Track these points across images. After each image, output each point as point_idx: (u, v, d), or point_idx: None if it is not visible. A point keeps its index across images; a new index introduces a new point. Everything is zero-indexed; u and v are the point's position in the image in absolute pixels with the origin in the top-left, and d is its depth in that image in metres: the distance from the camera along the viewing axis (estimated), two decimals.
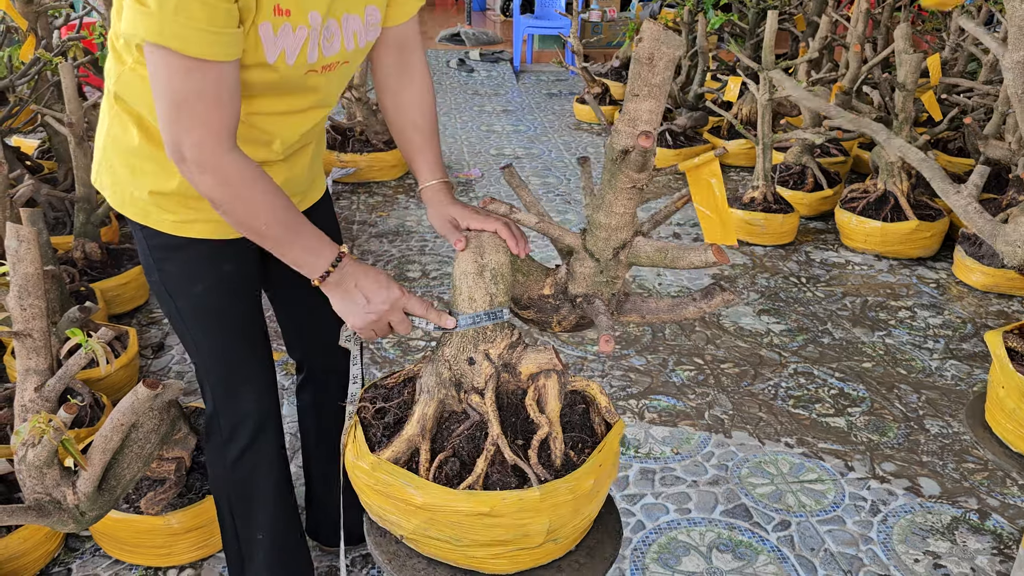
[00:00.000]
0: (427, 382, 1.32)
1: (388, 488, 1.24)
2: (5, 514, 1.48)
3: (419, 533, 1.25)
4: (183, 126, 1.15)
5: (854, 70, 4.34)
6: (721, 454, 2.44)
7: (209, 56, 1.12)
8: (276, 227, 1.24)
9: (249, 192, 1.20)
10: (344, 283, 1.28)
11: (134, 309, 3.18)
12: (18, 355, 1.50)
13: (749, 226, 3.94)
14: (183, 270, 1.46)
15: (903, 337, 3.13)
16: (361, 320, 1.29)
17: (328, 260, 1.27)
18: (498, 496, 1.20)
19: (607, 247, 1.28)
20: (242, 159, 1.20)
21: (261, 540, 1.68)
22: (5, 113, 3.48)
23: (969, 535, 2.15)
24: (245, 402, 1.58)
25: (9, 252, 1.44)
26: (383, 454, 1.27)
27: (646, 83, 1.11)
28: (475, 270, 1.29)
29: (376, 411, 1.37)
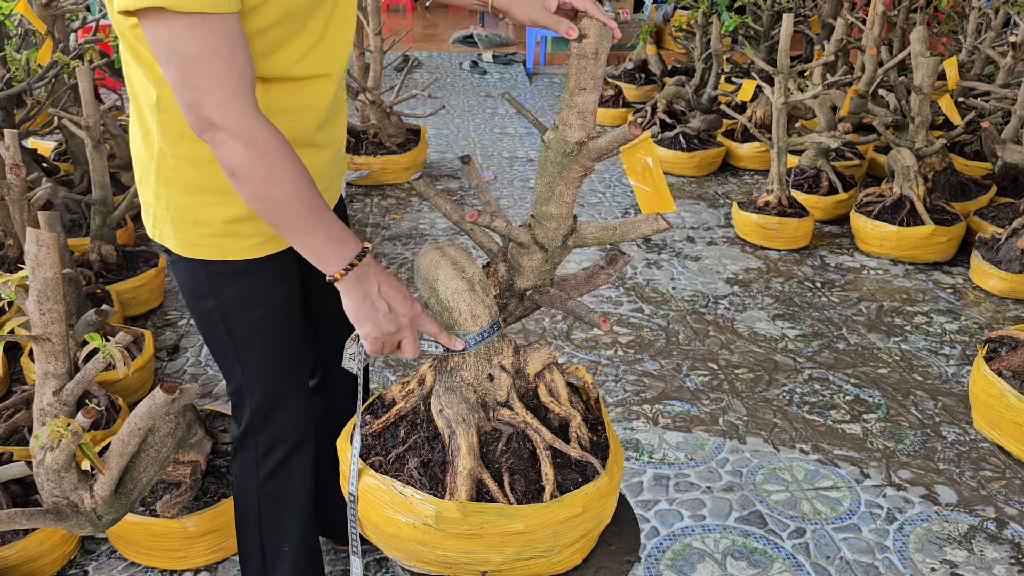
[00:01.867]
0: (457, 412, 1.27)
1: (481, 528, 1.19)
2: (23, 517, 1.49)
3: (511, 560, 1.23)
4: (201, 89, 1.06)
5: (870, 73, 4.32)
6: (736, 460, 2.43)
7: (210, 8, 1.04)
8: (300, 204, 1.12)
9: (277, 157, 1.10)
10: (365, 283, 1.17)
11: (149, 311, 3.19)
12: (37, 359, 1.51)
13: (763, 230, 3.92)
14: (244, 293, 1.41)
15: (919, 343, 3.11)
16: (378, 329, 1.19)
17: (352, 252, 1.16)
18: (582, 494, 1.23)
19: (557, 236, 1.30)
20: (268, 123, 1.11)
21: (287, 551, 1.67)
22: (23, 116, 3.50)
23: (987, 544, 2.13)
24: (285, 421, 1.57)
25: (29, 257, 1.44)
26: (459, 497, 1.21)
27: (592, 76, 1.16)
28: (466, 286, 1.26)
29: (393, 466, 1.30)
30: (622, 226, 1.30)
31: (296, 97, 1.28)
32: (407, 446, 1.30)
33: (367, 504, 1.26)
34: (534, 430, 1.27)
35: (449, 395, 1.29)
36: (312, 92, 1.31)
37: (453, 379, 1.30)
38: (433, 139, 5.70)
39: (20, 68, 3.41)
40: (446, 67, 8.17)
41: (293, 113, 1.29)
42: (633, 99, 6.72)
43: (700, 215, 4.44)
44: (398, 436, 1.33)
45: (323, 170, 1.43)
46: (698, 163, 5.03)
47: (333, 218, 1.16)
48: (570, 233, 1.31)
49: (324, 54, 1.28)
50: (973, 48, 5.19)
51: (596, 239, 1.32)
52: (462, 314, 1.26)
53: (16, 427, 2.20)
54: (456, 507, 1.19)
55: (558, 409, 1.32)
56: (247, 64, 1.10)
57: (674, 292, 3.51)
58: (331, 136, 1.43)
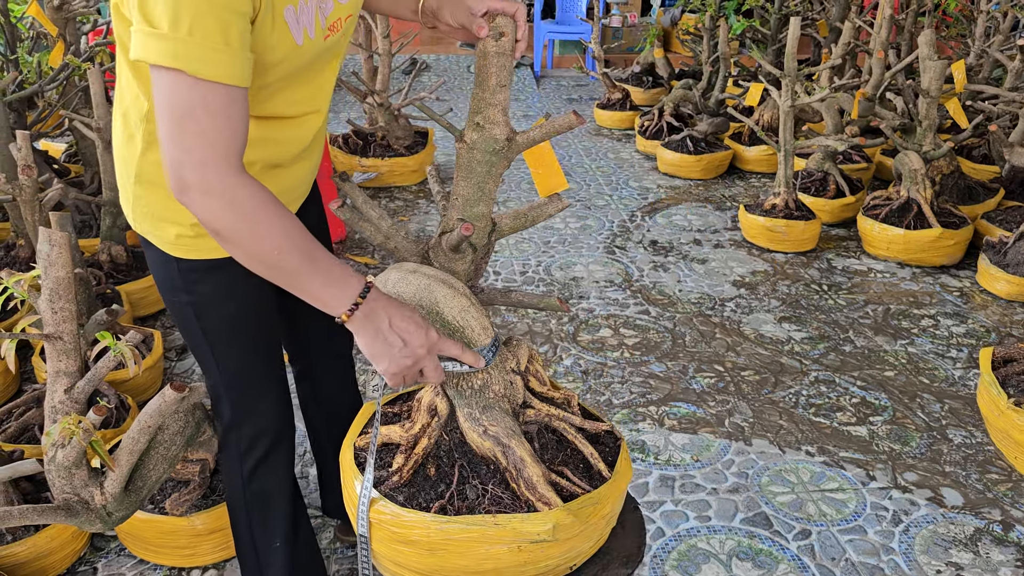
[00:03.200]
0: (505, 427, 1.25)
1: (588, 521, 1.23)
2: (35, 513, 1.50)
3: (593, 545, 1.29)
4: (185, 144, 1.05)
5: (877, 76, 4.32)
6: (741, 462, 2.44)
7: (224, 79, 1.05)
8: (292, 255, 1.10)
9: (259, 215, 1.08)
10: (375, 319, 1.13)
11: (158, 312, 3.22)
12: (48, 357, 1.53)
13: (770, 233, 3.93)
14: (218, 290, 1.42)
15: (926, 346, 3.11)
16: (396, 364, 1.15)
17: (355, 291, 1.13)
18: (624, 460, 1.32)
19: (484, 233, 1.32)
20: (251, 181, 1.09)
21: (278, 548, 1.69)
22: (35, 117, 3.53)
23: (992, 546, 2.13)
24: (264, 416, 1.59)
25: (41, 256, 1.46)
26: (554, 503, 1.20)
27: (510, 73, 1.20)
28: (468, 303, 1.26)
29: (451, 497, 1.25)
30: (531, 211, 1.33)
31: (287, 131, 1.34)
32: (456, 480, 1.24)
33: (448, 551, 1.18)
34: (560, 419, 1.31)
35: (489, 413, 1.26)
36: (302, 126, 1.37)
37: (486, 397, 1.27)
38: (440, 142, 5.72)
39: (32, 70, 3.44)
40: (454, 70, 8.19)
41: (283, 143, 1.35)
42: (640, 102, 6.72)
43: (707, 218, 4.44)
44: (429, 475, 1.26)
45: (299, 178, 1.49)
46: (705, 166, 5.03)
47: (329, 261, 1.13)
48: (493, 228, 1.33)
49: (315, 95, 1.35)
50: (981, 51, 5.18)
51: (511, 228, 1.34)
52: (474, 330, 1.25)
53: (27, 425, 2.23)
54: (566, 513, 1.17)
55: (556, 394, 1.36)
56: (239, 134, 1.08)
57: (680, 294, 3.51)
58: (313, 151, 1.48)
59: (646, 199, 4.74)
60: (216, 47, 1.04)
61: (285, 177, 1.41)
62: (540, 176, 1.38)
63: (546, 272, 3.71)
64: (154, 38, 1.03)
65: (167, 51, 1.03)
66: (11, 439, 2.19)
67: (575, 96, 7.38)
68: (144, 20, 1.04)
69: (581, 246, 4.03)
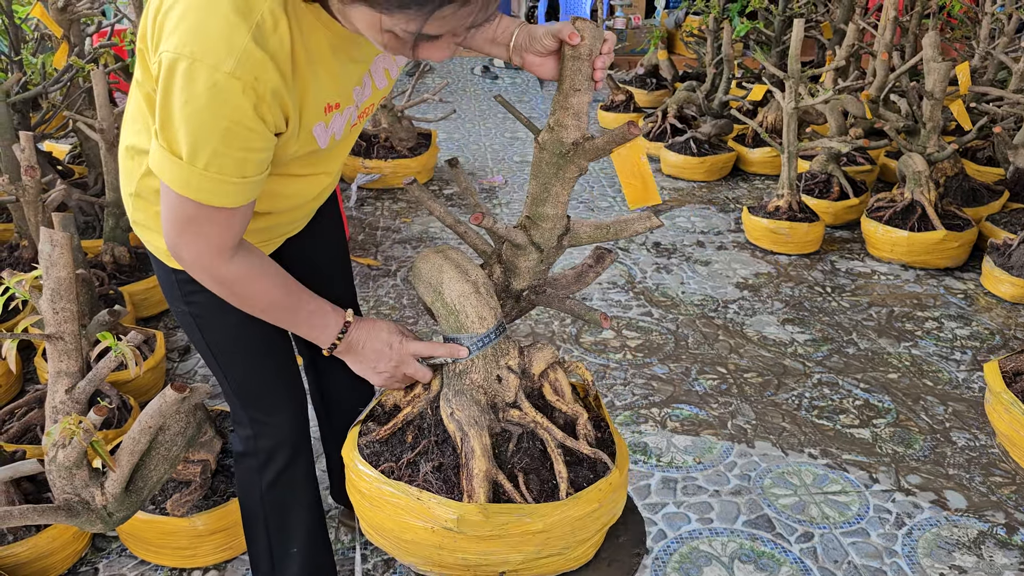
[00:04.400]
0: (468, 415, 1.28)
1: (504, 528, 1.20)
2: (35, 514, 1.50)
3: (530, 559, 1.24)
4: (184, 240, 1.15)
5: (881, 78, 4.31)
6: (744, 464, 2.43)
7: (229, 205, 1.11)
8: (279, 311, 1.26)
9: (245, 289, 1.22)
10: (353, 349, 1.32)
11: (161, 312, 3.22)
12: (50, 357, 1.53)
13: (774, 235, 3.92)
14: (215, 301, 1.39)
15: (930, 348, 3.10)
16: (380, 378, 1.34)
17: (334, 332, 1.30)
18: (596, 490, 1.24)
19: (552, 236, 1.31)
20: (240, 261, 1.19)
21: (295, 553, 1.68)
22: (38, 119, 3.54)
23: (996, 550, 2.12)
24: (281, 427, 1.58)
25: (43, 256, 1.46)
26: (477, 499, 1.22)
27: (587, 78, 1.18)
28: (471, 289, 1.27)
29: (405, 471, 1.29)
30: (615, 225, 1.32)
31: (296, 186, 1.35)
32: (417, 451, 1.30)
33: (381, 511, 1.26)
34: (544, 429, 1.28)
35: (460, 398, 1.29)
36: (310, 183, 1.38)
37: (463, 382, 1.30)
38: (444, 143, 5.72)
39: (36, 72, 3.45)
40: (457, 72, 8.20)
41: (291, 197, 1.37)
42: (644, 104, 6.72)
43: (710, 220, 4.44)
44: (406, 441, 1.33)
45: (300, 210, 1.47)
46: (709, 168, 5.03)
47: (312, 309, 1.28)
48: (565, 233, 1.33)
49: (329, 161, 1.36)
50: (986, 53, 5.17)
51: (590, 238, 1.34)
52: (468, 316, 1.27)
53: (29, 425, 2.23)
54: (477, 509, 1.19)
55: (564, 407, 1.33)
56: (240, 229, 1.17)
57: (683, 296, 3.51)
58: (322, 196, 1.48)
59: None
60: (228, 180, 1.08)
61: (285, 215, 1.42)
62: (630, 188, 1.36)
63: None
64: (170, 162, 1.07)
65: (181, 179, 1.07)
66: (13, 439, 2.19)
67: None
68: (163, 139, 1.06)
69: (584, 248, 4.03)
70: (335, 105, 1.19)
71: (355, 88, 1.22)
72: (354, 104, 1.24)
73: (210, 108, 1.01)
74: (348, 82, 1.20)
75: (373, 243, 4.01)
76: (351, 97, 1.22)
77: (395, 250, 3.93)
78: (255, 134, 1.06)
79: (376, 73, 1.28)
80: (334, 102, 1.18)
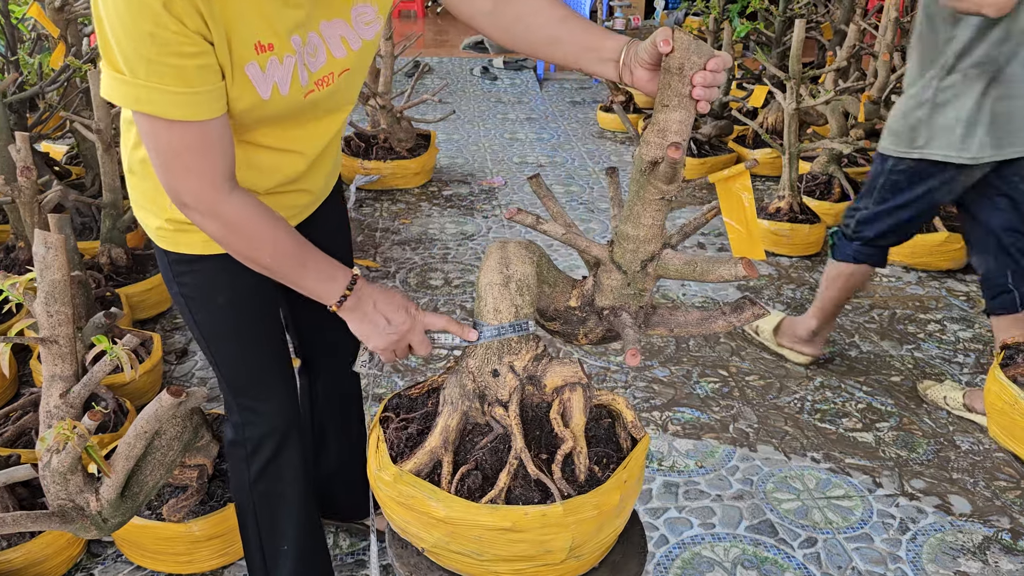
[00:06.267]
0: (450, 394, 1.31)
1: (410, 500, 1.23)
2: (29, 520, 1.48)
3: (440, 546, 1.24)
4: (177, 178, 1.16)
5: (883, 79, 4.29)
6: (746, 468, 2.41)
7: (190, 117, 1.11)
8: (283, 260, 1.23)
9: (252, 231, 1.20)
10: (362, 306, 1.27)
11: (158, 314, 3.20)
12: (44, 361, 1.51)
13: (775, 236, 3.90)
14: (203, 283, 1.44)
15: (932, 351, 3.08)
16: (383, 341, 1.28)
17: (343, 285, 1.26)
18: (520, 511, 1.19)
19: (635, 259, 1.27)
20: (242, 200, 1.19)
21: (286, 551, 1.67)
22: (35, 119, 3.52)
23: (1001, 555, 2.10)
24: (268, 415, 1.57)
25: (37, 259, 1.44)
26: (405, 465, 1.26)
27: (676, 94, 1.11)
28: (501, 281, 1.27)
29: (399, 422, 1.36)
30: (703, 264, 1.24)
31: (268, 160, 1.34)
32: (419, 413, 1.36)
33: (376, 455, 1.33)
34: (513, 436, 1.25)
35: (451, 376, 1.33)
36: (283, 160, 1.36)
37: (460, 364, 1.33)
38: (443, 144, 5.70)
39: (33, 72, 3.43)
40: (457, 73, 8.18)
41: (266, 173, 1.35)
42: (643, 105, 6.70)
43: (711, 221, 4.41)
44: (427, 405, 1.39)
45: (320, 186, 1.50)
46: (709, 169, 5.01)
47: (319, 260, 1.26)
48: (650, 259, 1.27)
49: (299, 139, 1.34)
50: None
51: (678, 272, 1.26)
52: (487, 305, 1.28)
53: (24, 429, 2.21)
54: (394, 472, 1.25)
55: (558, 430, 1.27)
56: (224, 155, 1.17)
57: (684, 298, 3.49)
58: (310, 184, 1.47)
59: None
60: (176, 90, 1.08)
61: (271, 201, 1.38)
62: (735, 233, 1.25)
63: None
64: (116, 80, 1.09)
65: (129, 94, 1.08)
66: (8, 443, 2.17)
67: (578, 99, 7.36)
68: (107, 63, 1.09)
69: None
70: (268, 46, 1.16)
71: (293, 37, 1.19)
72: (296, 55, 1.20)
73: (129, 12, 1.03)
74: (282, 25, 1.16)
75: (372, 244, 3.99)
76: (289, 45, 1.19)
77: (394, 251, 3.91)
78: (181, 37, 1.06)
79: (331, 39, 1.25)
80: (266, 42, 1.15)
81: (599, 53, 1.25)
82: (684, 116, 1.12)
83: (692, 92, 1.09)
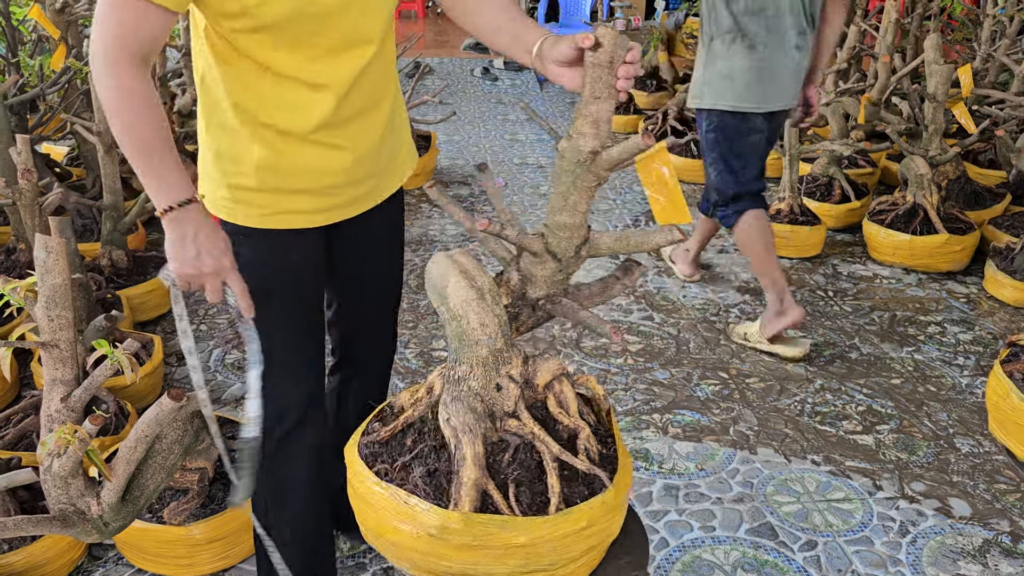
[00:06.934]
0: (463, 421, 1.25)
1: (486, 539, 1.17)
2: (30, 524, 1.48)
3: (515, 574, 1.22)
4: (98, 35, 1.22)
5: (883, 80, 4.29)
6: (746, 471, 2.41)
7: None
8: (132, 146, 1.26)
9: (119, 103, 1.24)
10: (183, 226, 1.30)
11: (159, 316, 3.20)
12: (45, 365, 1.51)
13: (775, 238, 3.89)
14: (254, 255, 1.48)
15: (933, 353, 3.08)
16: (186, 268, 1.33)
17: (175, 198, 1.28)
18: (587, 507, 1.21)
19: (570, 246, 1.30)
20: (144, 83, 1.25)
21: (290, 534, 1.68)
22: (36, 121, 3.52)
23: (1001, 558, 2.10)
24: (290, 392, 1.59)
25: (38, 263, 1.44)
26: (463, 508, 1.18)
27: (607, 85, 1.17)
28: (476, 295, 1.25)
29: (397, 474, 1.28)
30: (636, 236, 1.29)
31: (288, 93, 1.37)
32: (413, 455, 1.29)
33: (373, 512, 1.25)
34: (541, 441, 1.25)
35: (456, 404, 1.27)
36: (311, 98, 1.38)
37: (460, 388, 1.29)
38: (444, 145, 5.70)
39: (33, 74, 3.43)
40: (457, 73, 8.18)
41: (287, 109, 1.38)
42: (644, 106, 6.70)
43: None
44: (405, 444, 1.32)
45: (370, 159, 1.51)
46: None
47: (171, 163, 1.28)
48: (583, 243, 1.30)
49: (320, 69, 1.36)
50: (987, 56, 5.15)
51: (610, 249, 1.31)
52: (470, 323, 1.25)
53: (25, 433, 2.21)
54: (459, 518, 1.17)
55: (567, 420, 1.30)
56: (140, 40, 1.23)
57: (684, 300, 3.49)
58: (347, 139, 1.45)
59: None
60: None
61: (305, 155, 1.42)
62: (659, 204, 1.33)
63: None
64: None
65: None
66: (9, 446, 2.17)
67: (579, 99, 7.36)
68: None
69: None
70: None
71: None
72: None
73: None
74: None
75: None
76: None
77: None
78: None
79: None
80: None
81: (523, 44, 1.36)
82: (611, 106, 1.19)
83: (616, 84, 1.17)
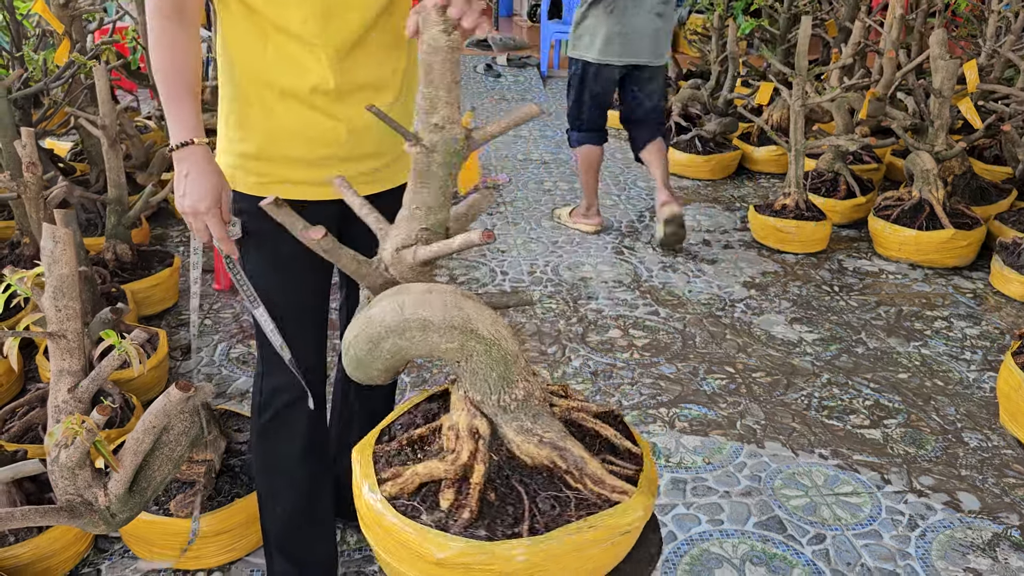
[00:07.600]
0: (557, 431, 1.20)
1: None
2: (37, 515, 1.47)
3: None
4: None
5: (888, 76, 4.28)
6: (754, 464, 2.40)
7: None
8: (162, 87, 1.39)
9: (158, 47, 1.38)
10: (180, 165, 1.40)
11: (164, 311, 3.19)
12: (52, 356, 1.50)
13: (780, 233, 3.89)
14: (257, 225, 1.49)
15: (940, 348, 3.07)
16: (181, 204, 1.42)
17: (177, 139, 1.40)
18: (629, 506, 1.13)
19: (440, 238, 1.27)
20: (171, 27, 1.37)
21: (279, 514, 1.68)
22: (40, 115, 3.52)
23: (1011, 552, 2.09)
24: (286, 372, 1.57)
25: (45, 253, 1.43)
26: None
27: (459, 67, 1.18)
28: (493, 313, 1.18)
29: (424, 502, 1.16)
30: (469, 210, 1.33)
31: (287, 46, 1.43)
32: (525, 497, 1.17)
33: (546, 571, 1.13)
34: (577, 411, 1.28)
35: (541, 420, 1.20)
36: (305, 57, 1.43)
37: (533, 405, 1.20)
38: None
39: (37, 68, 3.42)
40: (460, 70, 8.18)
41: (287, 66, 1.44)
42: None
43: (716, 218, 4.41)
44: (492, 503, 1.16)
45: (370, 136, 1.52)
46: (714, 166, 5.00)
47: (189, 105, 1.40)
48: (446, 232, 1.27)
49: (323, 26, 1.41)
50: (992, 51, 5.14)
51: (456, 230, 1.28)
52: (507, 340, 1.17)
53: (31, 424, 2.20)
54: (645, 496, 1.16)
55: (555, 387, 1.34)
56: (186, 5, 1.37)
57: (690, 295, 3.48)
58: (343, 111, 1.47)
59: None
60: None
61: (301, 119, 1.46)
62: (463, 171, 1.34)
63: (554, 272, 3.68)
64: None
65: None
66: (15, 438, 2.17)
67: None
68: None
69: (589, 246, 4.00)
70: None
71: None
72: None
73: None
74: None
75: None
76: None
77: None
78: None
79: None
80: None
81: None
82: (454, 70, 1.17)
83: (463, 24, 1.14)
